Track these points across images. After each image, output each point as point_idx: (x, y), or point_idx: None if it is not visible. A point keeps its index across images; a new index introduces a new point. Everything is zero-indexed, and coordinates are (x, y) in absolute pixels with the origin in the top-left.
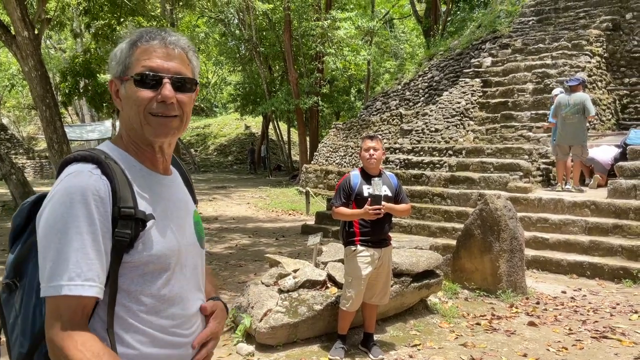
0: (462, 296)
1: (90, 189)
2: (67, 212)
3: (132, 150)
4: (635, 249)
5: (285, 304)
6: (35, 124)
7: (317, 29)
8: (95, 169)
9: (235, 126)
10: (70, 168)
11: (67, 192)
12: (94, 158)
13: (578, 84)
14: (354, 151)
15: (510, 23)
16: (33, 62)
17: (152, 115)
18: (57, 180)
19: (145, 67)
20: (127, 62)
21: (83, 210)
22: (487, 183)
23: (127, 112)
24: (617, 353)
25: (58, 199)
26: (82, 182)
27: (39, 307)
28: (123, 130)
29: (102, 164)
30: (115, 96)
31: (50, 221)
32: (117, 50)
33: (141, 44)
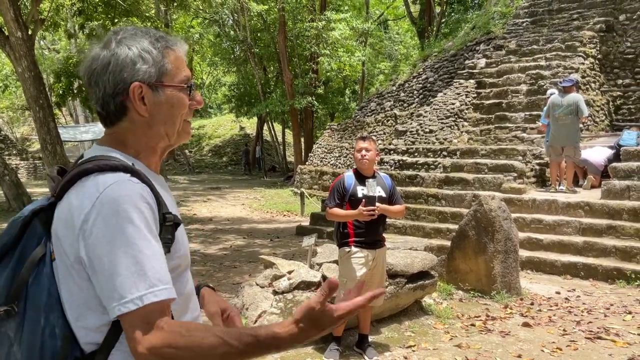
0: (456, 297)
1: (140, 196)
2: (126, 222)
3: (143, 156)
4: (629, 250)
5: (280, 305)
6: (29, 124)
7: (312, 30)
8: (132, 177)
9: (230, 127)
10: (104, 178)
11: (118, 202)
12: (125, 167)
13: (572, 85)
14: (348, 152)
15: (504, 24)
16: (26, 62)
17: (185, 122)
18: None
19: (187, 76)
20: (164, 67)
21: (142, 217)
22: (481, 184)
23: (160, 120)
24: (611, 354)
25: (110, 211)
26: (129, 191)
27: (49, 328)
28: (135, 136)
29: (136, 172)
30: (140, 101)
31: (109, 236)
32: (143, 53)
33: (177, 50)
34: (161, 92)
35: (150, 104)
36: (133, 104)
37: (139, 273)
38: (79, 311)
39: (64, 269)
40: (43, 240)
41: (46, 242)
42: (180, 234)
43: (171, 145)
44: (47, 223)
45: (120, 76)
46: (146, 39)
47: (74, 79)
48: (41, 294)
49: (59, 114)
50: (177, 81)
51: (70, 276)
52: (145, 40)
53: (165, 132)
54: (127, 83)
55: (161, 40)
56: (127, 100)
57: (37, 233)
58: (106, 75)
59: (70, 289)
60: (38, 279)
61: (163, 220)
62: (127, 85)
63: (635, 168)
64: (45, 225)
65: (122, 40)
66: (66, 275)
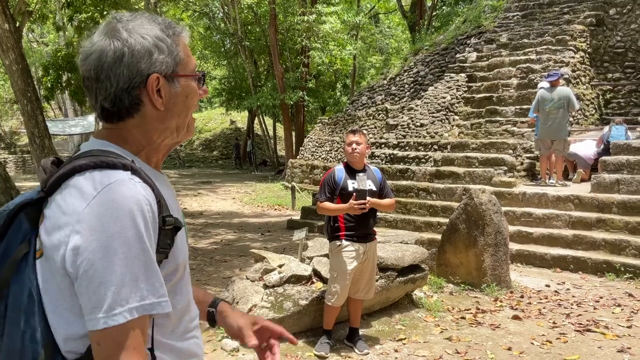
0: (447, 290)
1: (142, 200)
2: (125, 227)
3: (143, 154)
4: (618, 243)
5: (271, 299)
6: (17, 118)
7: (303, 23)
8: (133, 176)
9: (221, 121)
10: (102, 176)
11: (117, 204)
12: (124, 165)
13: (557, 78)
14: (339, 146)
15: (495, 18)
16: (14, 55)
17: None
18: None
19: (195, 65)
20: (178, 57)
21: (142, 224)
22: (471, 178)
23: (175, 112)
24: (600, 346)
25: (108, 213)
26: (131, 192)
27: (30, 332)
28: (141, 132)
29: (137, 171)
30: (157, 94)
31: (104, 240)
32: (159, 42)
33: (183, 37)
34: (177, 83)
35: (166, 96)
36: (150, 97)
37: (133, 284)
38: (63, 317)
39: (50, 270)
40: (28, 236)
41: (31, 238)
42: (180, 239)
43: (178, 141)
44: (34, 218)
45: (136, 68)
46: (156, 26)
47: (63, 72)
48: (22, 295)
49: (48, 107)
50: (189, 70)
51: (55, 278)
52: (156, 28)
53: (176, 126)
54: (144, 75)
55: (170, 28)
56: (143, 93)
57: (22, 228)
58: (120, 68)
59: (54, 292)
60: (19, 278)
61: (162, 224)
62: (144, 78)
63: (624, 162)
64: (31, 221)
65: (134, 29)
66: (51, 276)
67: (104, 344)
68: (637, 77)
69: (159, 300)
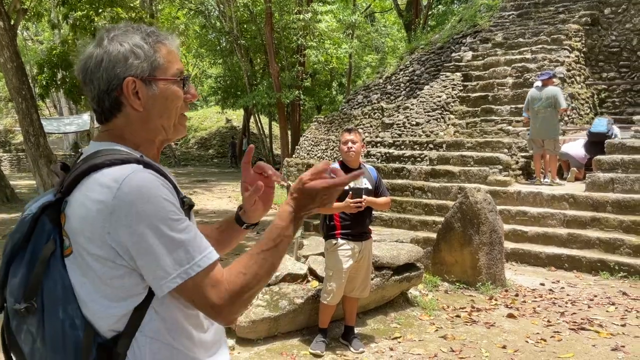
0: (442, 289)
1: (157, 182)
2: (154, 208)
3: (142, 149)
4: (613, 242)
5: (266, 297)
6: (12, 116)
7: (299, 22)
8: (146, 168)
9: (216, 119)
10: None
11: (142, 188)
12: (137, 159)
13: (549, 77)
14: (335, 145)
15: (490, 17)
16: (9, 53)
17: (182, 115)
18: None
19: (180, 69)
20: (156, 62)
21: (167, 200)
22: (467, 176)
23: (156, 113)
24: (594, 344)
25: (137, 198)
26: (148, 178)
27: (69, 320)
28: (131, 130)
29: (149, 163)
30: (134, 96)
31: (141, 220)
32: (135, 48)
33: (168, 44)
34: (155, 86)
35: (144, 98)
36: (127, 99)
37: (179, 248)
38: (100, 304)
39: (82, 263)
40: (52, 235)
41: (55, 237)
42: (192, 219)
43: (168, 139)
44: (55, 219)
45: (113, 72)
46: (138, 34)
47: (58, 70)
48: (56, 288)
49: (43, 105)
50: (170, 74)
51: (90, 270)
52: (137, 36)
53: (162, 125)
54: (120, 79)
55: (152, 35)
56: (122, 95)
57: (46, 229)
58: (99, 72)
59: (89, 284)
60: (51, 274)
61: (182, 204)
62: (120, 81)
63: (619, 161)
64: (53, 221)
65: (114, 38)
66: (85, 270)
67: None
68: (631, 77)
69: (205, 253)
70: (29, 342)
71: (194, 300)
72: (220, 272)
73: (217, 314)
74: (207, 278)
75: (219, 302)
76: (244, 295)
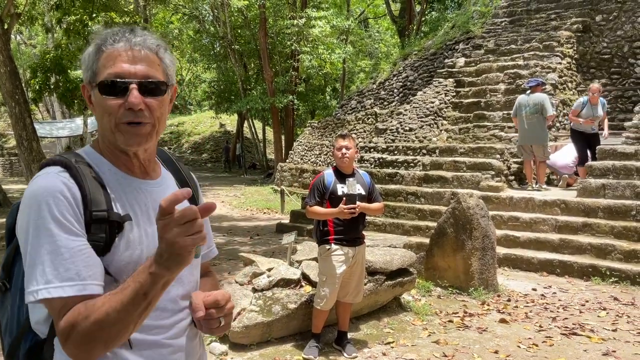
0: (435, 294)
1: (54, 189)
2: (35, 215)
3: (108, 155)
4: (604, 247)
5: (260, 302)
6: (5, 120)
7: (293, 27)
8: (62, 172)
9: (210, 124)
10: (39, 172)
11: (32, 194)
12: (63, 162)
13: (537, 84)
14: (329, 150)
15: (483, 24)
16: (2, 57)
17: (122, 123)
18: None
19: (111, 74)
20: (95, 68)
21: (50, 211)
22: (459, 182)
23: (99, 119)
24: (586, 349)
25: (26, 203)
26: (46, 183)
27: (22, 307)
28: (99, 134)
29: (71, 167)
30: (89, 101)
31: (22, 226)
32: (86, 55)
33: (106, 49)
34: (94, 92)
35: (94, 104)
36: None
37: (37, 268)
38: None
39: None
40: None
41: None
42: (133, 235)
43: (119, 147)
44: None
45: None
46: (98, 39)
47: (51, 74)
48: (19, 276)
49: (36, 109)
50: (96, 80)
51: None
52: (96, 42)
53: (104, 128)
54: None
55: (99, 41)
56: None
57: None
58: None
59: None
60: (19, 261)
61: (91, 219)
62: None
63: (610, 167)
64: None
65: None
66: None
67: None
68: (622, 83)
69: (62, 284)
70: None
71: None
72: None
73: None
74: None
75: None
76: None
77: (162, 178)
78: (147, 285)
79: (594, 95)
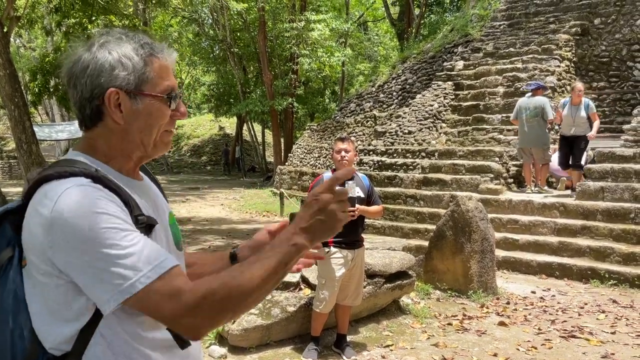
0: (434, 297)
1: (98, 195)
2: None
3: (114, 163)
4: (603, 250)
5: (259, 305)
6: (4, 123)
7: (292, 30)
8: (93, 183)
9: (209, 127)
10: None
11: (76, 204)
12: (85, 172)
13: (538, 88)
14: (328, 152)
15: (482, 27)
16: (1, 60)
17: (166, 132)
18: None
19: (170, 87)
20: (145, 75)
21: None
22: (458, 185)
23: (136, 128)
24: (585, 352)
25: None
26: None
27: (18, 330)
28: (107, 142)
29: (99, 178)
30: (116, 108)
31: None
32: (123, 59)
33: (161, 58)
34: (140, 101)
35: (126, 112)
36: (108, 110)
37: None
38: (45, 319)
39: (32, 277)
40: (12, 242)
41: (14, 244)
42: (158, 237)
43: (147, 156)
44: (18, 225)
45: (97, 81)
46: (130, 44)
47: (50, 77)
48: (7, 297)
49: (35, 112)
50: (158, 91)
51: (38, 284)
52: (129, 46)
53: (141, 141)
54: (103, 88)
55: (146, 47)
56: (103, 105)
57: (7, 235)
58: (84, 78)
59: (37, 297)
60: (5, 281)
61: (135, 222)
62: (103, 91)
63: (609, 169)
64: (16, 228)
65: (105, 44)
66: (34, 282)
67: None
68: (621, 86)
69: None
70: None
71: (150, 313)
72: (180, 281)
73: (176, 326)
74: (160, 289)
75: (177, 313)
76: (205, 306)
77: (145, 180)
78: (290, 255)
79: (578, 94)
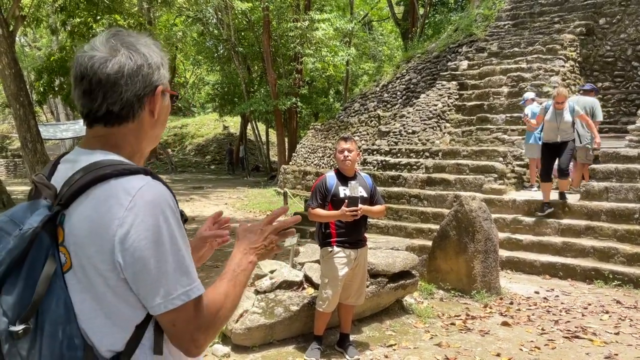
0: (437, 296)
1: (170, 198)
2: (165, 223)
3: (134, 159)
4: (607, 250)
5: (262, 304)
6: (9, 122)
7: (296, 30)
8: (154, 180)
9: (214, 126)
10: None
11: (154, 203)
12: (145, 170)
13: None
14: (332, 152)
15: (486, 27)
16: (7, 59)
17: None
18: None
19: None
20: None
21: (174, 217)
22: (462, 185)
23: (161, 122)
24: (588, 352)
25: (149, 213)
26: (160, 192)
27: (68, 340)
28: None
29: (154, 174)
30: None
31: (151, 237)
32: (164, 58)
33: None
34: (166, 96)
35: (159, 107)
36: (152, 105)
37: (182, 270)
38: (99, 322)
39: (84, 279)
40: (51, 251)
41: (54, 253)
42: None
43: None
44: (54, 233)
45: (150, 79)
46: (155, 44)
47: (56, 76)
48: (58, 307)
49: (40, 111)
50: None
51: (92, 286)
52: (158, 47)
53: (159, 134)
54: (153, 86)
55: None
56: (146, 102)
57: (44, 245)
58: (138, 76)
59: (88, 299)
60: (53, 292)
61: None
62: (153, 88)
63: (613, 170)
64: (52, 236)
65: (147, 44)
66: (86, 284)
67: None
68: (626, 86)
69: (196, 283)
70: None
71: (176, 324)
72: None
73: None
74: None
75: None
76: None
77: None
78: (250, 271)
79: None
